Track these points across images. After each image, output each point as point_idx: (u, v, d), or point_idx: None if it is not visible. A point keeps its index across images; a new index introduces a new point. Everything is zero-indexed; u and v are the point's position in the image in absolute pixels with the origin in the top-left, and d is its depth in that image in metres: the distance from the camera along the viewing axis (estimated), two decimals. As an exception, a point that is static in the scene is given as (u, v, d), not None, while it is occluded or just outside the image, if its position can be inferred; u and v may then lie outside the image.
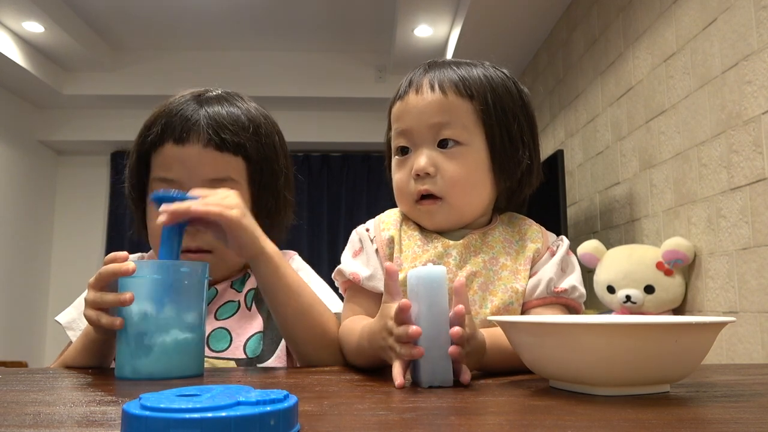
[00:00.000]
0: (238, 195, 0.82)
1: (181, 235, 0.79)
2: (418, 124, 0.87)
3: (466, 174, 0.86)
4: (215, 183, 0.92)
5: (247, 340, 0.93)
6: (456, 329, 0.63)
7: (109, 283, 0.74)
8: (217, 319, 0.95)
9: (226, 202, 0.79)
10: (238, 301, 0.97)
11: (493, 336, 0.72)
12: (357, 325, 0.81)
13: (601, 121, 2.89)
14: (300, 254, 1.07)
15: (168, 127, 0.93)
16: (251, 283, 0.99)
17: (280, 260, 0.84)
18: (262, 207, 0.97)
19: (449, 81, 0.87)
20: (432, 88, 0.87)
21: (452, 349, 0.63)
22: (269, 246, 0.83)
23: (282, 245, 0.97)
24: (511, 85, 0.90)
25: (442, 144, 0.86)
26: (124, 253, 0.75)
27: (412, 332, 0.63)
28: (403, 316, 0.64)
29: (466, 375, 0.64)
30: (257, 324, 0.95)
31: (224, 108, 0.95)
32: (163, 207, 0.76)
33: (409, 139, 0.88)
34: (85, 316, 0.76)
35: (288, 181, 1.02)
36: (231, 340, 0.93)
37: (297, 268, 1.02)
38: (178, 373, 0.71)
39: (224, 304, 0.97)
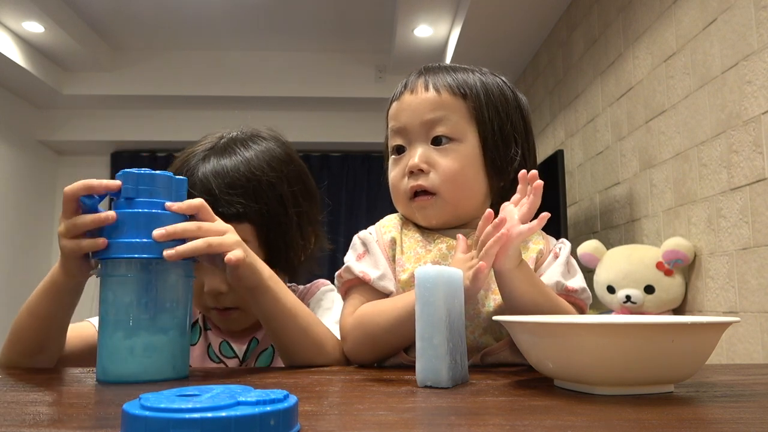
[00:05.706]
0: (234, 232, 0.77)
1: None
2: (412, 121, 0.88)
3: (460, 169, 0.87)
4: None
5: None
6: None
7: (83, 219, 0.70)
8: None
9: (227, 240, 0.75)
10: (271, 346, 0.99)
11: (531, 271, 0.80)
12: (387, 301, 0.82)
13: (601, 121, 2.88)
14: None
15: None
16: None
17: (277, 286, 0.81)
18: (273, 251, 0.95)
19: (443, 82, 0.89)
20: (426, 88, 0.89)
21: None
22: (266, 274, 0.79)
23: (313, 274, 1.04)
24: (506, 89, 0.92)
25: (436, 141, 0.88)
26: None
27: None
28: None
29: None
30: None
31: (221, 173, 0.92)
32: (167, 253, 0.69)
33: (404, 137, 0.90)
34: (62, 247, 0.72)
35: (301, 224, 1.00)
36: None
37: (318, 299, 1.03)
38: (159, 375, 0.68)
39: (264, 351, 0.99)
